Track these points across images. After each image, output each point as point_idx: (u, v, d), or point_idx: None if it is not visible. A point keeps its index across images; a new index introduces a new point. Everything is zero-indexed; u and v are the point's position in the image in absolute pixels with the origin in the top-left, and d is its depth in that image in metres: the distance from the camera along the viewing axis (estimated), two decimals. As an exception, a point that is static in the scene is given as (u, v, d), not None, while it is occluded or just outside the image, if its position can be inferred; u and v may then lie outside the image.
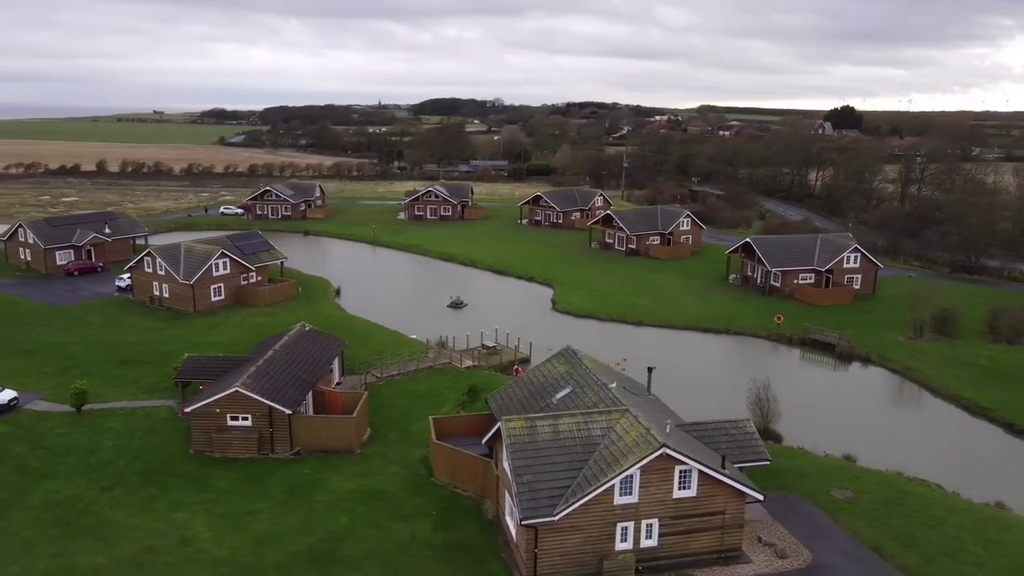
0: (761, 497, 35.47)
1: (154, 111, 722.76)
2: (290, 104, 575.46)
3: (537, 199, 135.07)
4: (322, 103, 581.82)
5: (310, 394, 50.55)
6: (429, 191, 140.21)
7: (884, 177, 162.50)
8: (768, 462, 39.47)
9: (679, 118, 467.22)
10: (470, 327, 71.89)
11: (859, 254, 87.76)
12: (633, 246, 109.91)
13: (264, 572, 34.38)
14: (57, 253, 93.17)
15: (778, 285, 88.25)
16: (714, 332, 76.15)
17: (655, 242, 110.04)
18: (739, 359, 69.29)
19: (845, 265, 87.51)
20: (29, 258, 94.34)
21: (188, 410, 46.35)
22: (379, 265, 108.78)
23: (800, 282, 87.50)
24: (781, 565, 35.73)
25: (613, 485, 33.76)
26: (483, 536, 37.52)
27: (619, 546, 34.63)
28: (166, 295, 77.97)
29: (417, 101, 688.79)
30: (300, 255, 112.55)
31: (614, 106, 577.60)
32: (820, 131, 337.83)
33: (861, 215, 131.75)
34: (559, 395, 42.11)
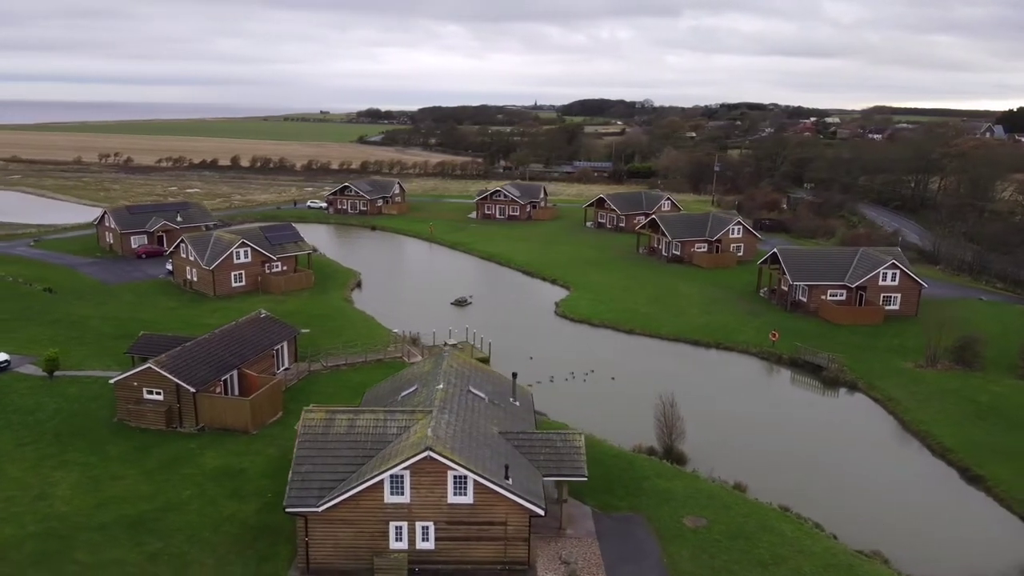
0: (542, 512, 34.27)
1: (320, 111, 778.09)
2: (444, 104, 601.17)
3: (601, 202, 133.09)
4: (477, 104, 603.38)
5: (236, 375, 54.13)
6: (498, 191, 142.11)
7: (1019, 187, 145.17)
8: (584, 478, 37.84)
9: (829, 120, 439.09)
10: (462, 325, 73.28)
11: (898, 271, 79.73)
12: (677, 252, 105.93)
13: (83, 530, 37.78)
14: (132, 237, 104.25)
15: (804, 300, 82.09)
16: (703, 346, 72.43)
17: (701, 249, 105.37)
18: (704, 375, 65.55)
19: (881, 282, 79.80)
20: (111, 241, 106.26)
21: (112, 382, 51.24)
22: (417, 261, 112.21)
23: (828, 298, 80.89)
24: (565, 585, 34.41)
25: (382, 483, 34.07)
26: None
27: (394, 545, 34.85)
28: (195, 279, 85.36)
29: (569, 102, 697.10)
30: (352, 247, 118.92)
31: (771, 107, 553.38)
32: (988, 135, 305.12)
33: (951, 226, 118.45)
34: (404, 393, 42.65)
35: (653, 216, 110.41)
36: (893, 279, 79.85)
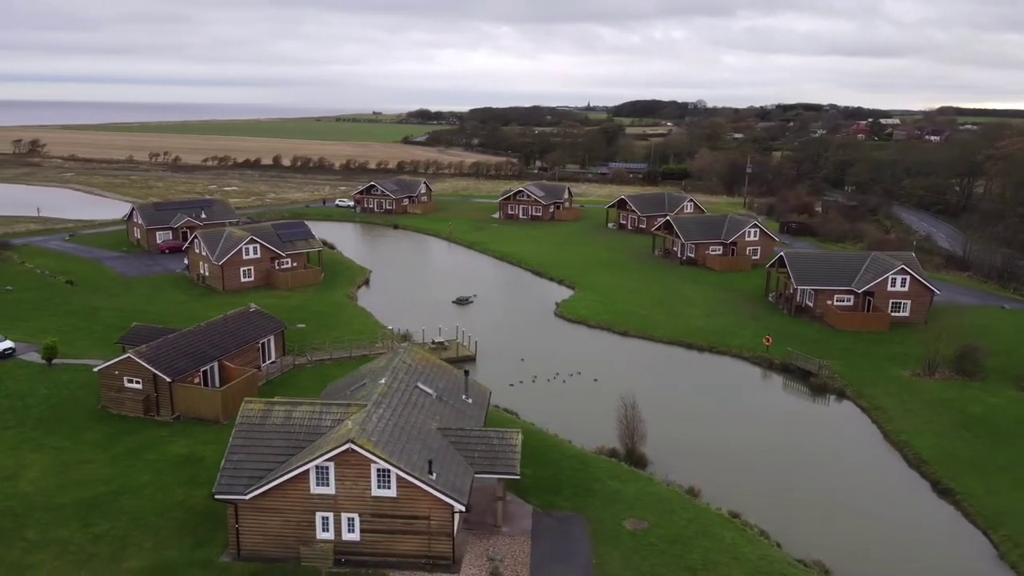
0: (463, 508, 34.46)
1: (373, 112, 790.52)
2: (495, 105, 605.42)
3: (622, 203, 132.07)
4: (528, 105, 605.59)
5: (216, 366, 55.72)
6: (521, 191, 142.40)
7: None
8: (516, 476, 37.84)
9: (886, 121, 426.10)
10: (459, 323, 74.48)
11: (908, 276, 77.13)
12: (692, 255, 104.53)
13: (39, 510, 39.47)
14: (157, 233, 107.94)
15: (811, 305, 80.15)
16: (696, 349, 71.38)
17: (716, 252, 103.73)
18: (689, 378, 64.56)
19: (889, 288, 77.34)
20: (139, 236, 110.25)
21: (96, 370, 53.34)
22: (430, 259, 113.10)
23: (835, 304, 78.81)
24: (486, 582, 34.55)
25: (308, 473, 34.77)
26: (242, 509, 39.84)
27: (320, 535, 35.51)
28: (207, 274, 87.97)
29: (622, 102, 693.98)
30: (370, 245, 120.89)
31: (827, 108, 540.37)
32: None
33: (984, 231, 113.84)
34: (355, 387, 43.33)
35: (668, 218, 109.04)
36: (903, 284, 77.29)
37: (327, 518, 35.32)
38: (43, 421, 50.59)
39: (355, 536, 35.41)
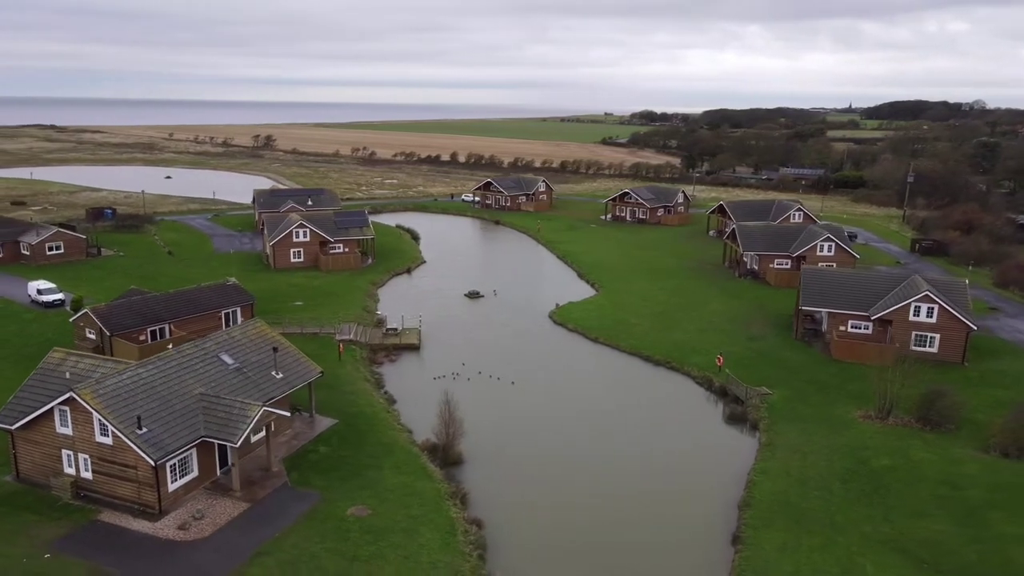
0: (152, 463, 37.95)
1: (604, 113, 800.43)
2: (732, 107, 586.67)
3: (721, 209, 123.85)
4: (773, 106, 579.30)
5: (168, 327, 64.23)
6: (627, 193, 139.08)
7: None
8: (232, 444, 40.27)
9: None
10: (454, 315, 79.02)
11: (935, 306, 65.27)
12: (755, 267, 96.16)
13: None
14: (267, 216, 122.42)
15: (824, 330, 71.03)
16: (652, 363, 67.00)
17: (781, 266, 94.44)
18: (609, 390, 60.92)
19: (912, 318, 66.12)
20: (257, 218, 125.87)
21: (71, 320, 64.24)
22: (494, 254, 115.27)
23: (848, 329, 69.14)
24: (169, 532, 37.82)
25: (52, 414, 40.50)
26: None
27: (67, 470, 41.10)
28: (267, 253, 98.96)
29: (882, 103, 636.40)
30: (452, 237, 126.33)
31: None
32: None
33: None
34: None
35: (734, 227, 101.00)
36: (929, 315, 65.68)
37: (70, 456, 40.80)
38: (23, 357, 62.20)
39: (89, 475, 40.50)
